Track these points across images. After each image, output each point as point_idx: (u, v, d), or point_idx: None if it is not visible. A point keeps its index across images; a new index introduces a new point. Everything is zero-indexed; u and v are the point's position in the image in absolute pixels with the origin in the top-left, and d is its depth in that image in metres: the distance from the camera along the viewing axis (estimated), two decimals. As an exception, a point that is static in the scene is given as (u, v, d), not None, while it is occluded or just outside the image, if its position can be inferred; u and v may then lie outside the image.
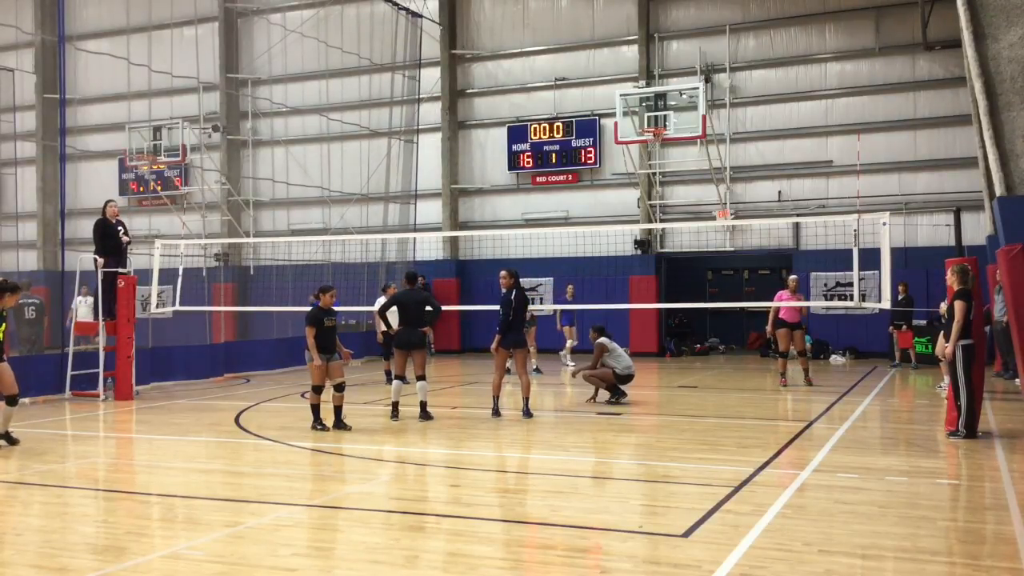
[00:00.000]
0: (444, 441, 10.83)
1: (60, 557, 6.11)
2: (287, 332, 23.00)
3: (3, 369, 10.41)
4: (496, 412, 12.52)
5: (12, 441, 10.45)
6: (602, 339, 14.12)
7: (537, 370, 18.46)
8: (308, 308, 12.19)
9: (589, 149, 24.79)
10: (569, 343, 20.24)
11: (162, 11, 25.90)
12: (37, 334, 17.60)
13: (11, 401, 10.45)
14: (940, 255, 15.39)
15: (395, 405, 12.20)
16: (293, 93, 27.44)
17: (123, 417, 13.41)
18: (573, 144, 24.99)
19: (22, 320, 17.36)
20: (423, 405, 12.22)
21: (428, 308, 12.42)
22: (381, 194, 26.03)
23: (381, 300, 17.49)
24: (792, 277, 17.02)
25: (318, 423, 11.45)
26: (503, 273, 12.80)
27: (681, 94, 21.47)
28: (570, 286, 21.04)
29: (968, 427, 10.16)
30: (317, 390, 11.56)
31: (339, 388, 11.53)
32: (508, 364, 13.11)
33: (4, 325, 10.53)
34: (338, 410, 11.51)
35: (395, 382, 12.32)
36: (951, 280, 10.45)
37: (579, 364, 17.77)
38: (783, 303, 16.17)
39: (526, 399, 12.57)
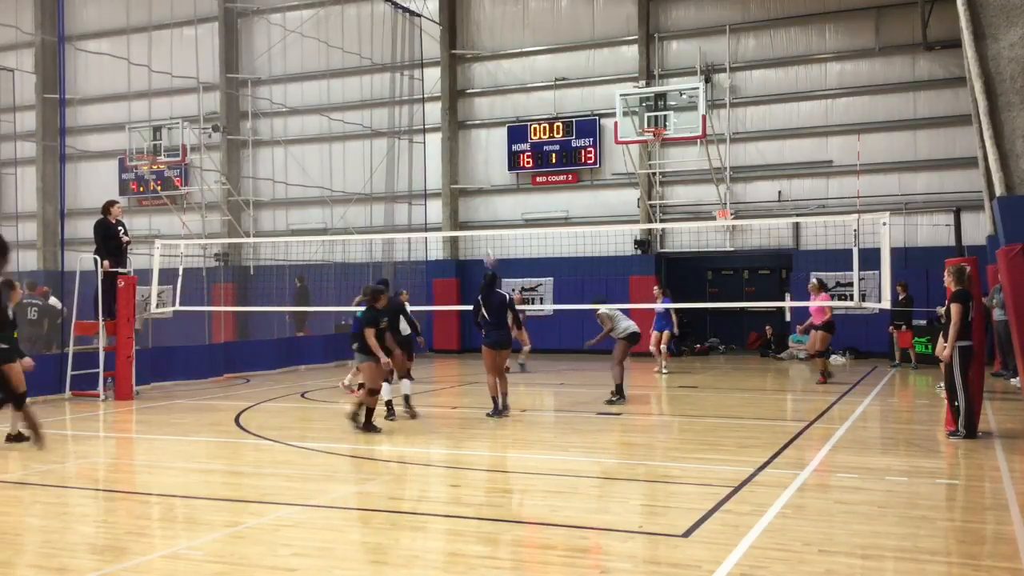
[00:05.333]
0: (444, 441, 10.83)
1: (60, 557, 6.11)
2: (286, 332, 23.01)
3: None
4: (496, 411, 12.52)
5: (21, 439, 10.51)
6: (602, 310, 14.22)
7: (522, 366, 18.78)
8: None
9: (589, 149, 24.79)
10: (662, 348, 18.84)
11: (162, 11, 25.86)
12: (38, 335, 17.56)
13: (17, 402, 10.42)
14: (940, 255, 15.39)
15: (388, 404, 12.36)
16: (293, 93, 27.43)
17: (123, 417, 13.41)
18: (573, 144, 24.98)
19: (24, 320, 17.32)
20: (406, 399, 12.62)
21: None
22: (382, 194, 26.03)
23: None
24: (813, 280, 17.25)
25: (371, 426, 11.13)
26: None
27: (681, 94, 21.44)
28: (656, 287, 19.60)
29: (968, 427, 10.16)
30: (374, 392, 11.24)
31: (373, 392, 11.32)
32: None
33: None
34: (370, 412, 11.27)
35: (383, 384, 12.48)
36: (948, 281, 10.48)
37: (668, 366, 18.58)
38: (813, 303, 16.40)
39: (503, 395, 12.61)
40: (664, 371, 18.48)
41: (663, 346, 18.70)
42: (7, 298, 10.50)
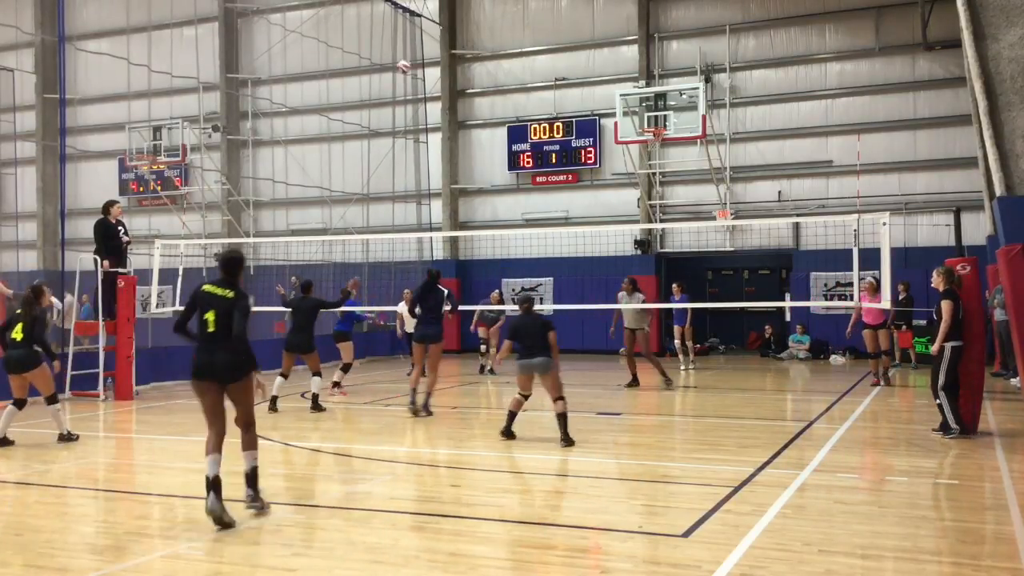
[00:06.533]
0: (444, 441, 10.83)
1: (60, 557, 6.11)
2: (285, 332, 22.97)
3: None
4: (413, 404, 12.60)
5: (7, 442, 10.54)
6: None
7: (491, 371, 18.74)
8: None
9: (589, 149, 24.79)
10: (677, 344, 19.25)
11: (162, 11, 25.89)
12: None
13: (19, 404, 10.58)
14: (940, 255, 15.37)
15: (273, 399, 13.23)
16: (293, 93, 27.44)
17: (123, 417, 13.41)
18: (573, 144, 24.98)
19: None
20: (315, 398, 13.26)
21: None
22: (382, 194, 26.04)
23: (403, 305, 17.96)
24: (868, 279, 15.81)
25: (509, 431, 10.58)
26: None
27: (681, 94, 21.44)
28: (675, 284, 19.45)
29: (959, 423, 10.18)
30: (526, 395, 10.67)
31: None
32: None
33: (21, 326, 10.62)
34: (563, 418, 10.33)
35: (278, 379, 13.51)
36: (937, 282, 10.54)
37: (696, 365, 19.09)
38: (864, 304, 15.86)
39: (428, 395, 12.66)
40: (692, 367, 18.98)
41: (688, 342, 19.24)
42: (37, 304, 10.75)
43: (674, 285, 19.48)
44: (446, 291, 13.02)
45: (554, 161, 25.19)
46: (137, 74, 23.85)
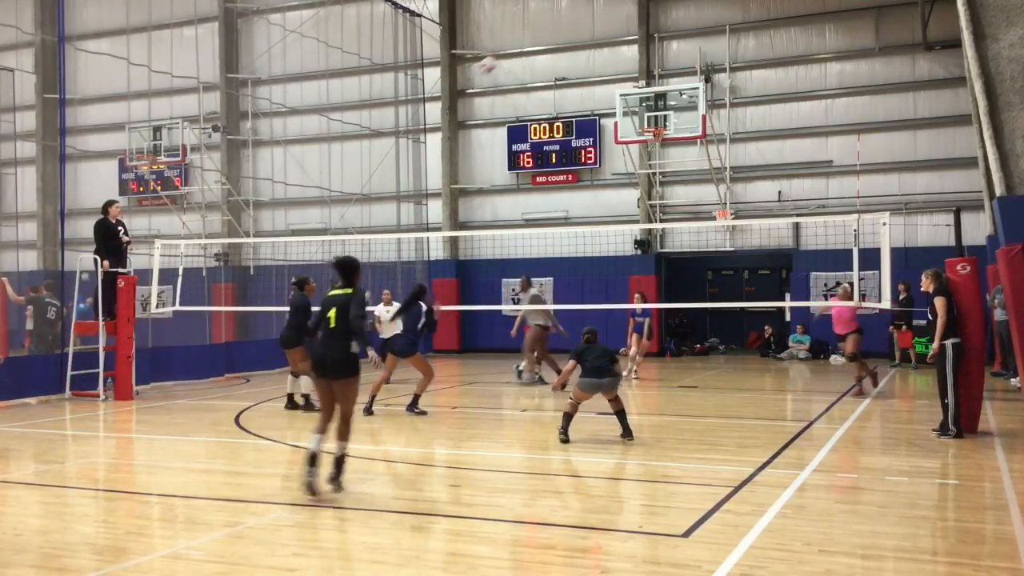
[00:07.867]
0: (444, 441, 10.83)
1: (60, 557, 6.11)
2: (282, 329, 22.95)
3: None
4: (369, 410, 12.67)
5: None
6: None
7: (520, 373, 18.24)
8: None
9: (589, 149, 24.79)
10: (633, 350, 18.10)
11: (162, 11, 25.87)
12: (55, 334, 17.57)
13: None
14: (940, 255, 15.34)
15: (290, 396, 13.55)
16: (293, 93, 27.43)
17: (123, 417, 13.41)
18: (573, 144, 24.98)
19: (42, 320, 17.36)
20: (306, 398, 13.34)
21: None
22: (382, 194, 26.03)
23: (381, 307, 17.58)
24: (844, 285, 15.36)
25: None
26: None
27: (681, 94, 21.43)
28: (637, 294, 18.76)
29: (957, 426, 10.17)
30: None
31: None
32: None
33: None
34: (622, 414, 10.55)
35: (290, 377, 13.63)
36: (926, 284, 10.57)
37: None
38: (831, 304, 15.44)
39: (416, 396, 12.78)
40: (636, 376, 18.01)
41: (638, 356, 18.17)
42: None
43: (636, 295, 18.45)
44: (424, 308, 12.85)
45: (554, 161, 25.19)
46: (137, 74, 23.83)
